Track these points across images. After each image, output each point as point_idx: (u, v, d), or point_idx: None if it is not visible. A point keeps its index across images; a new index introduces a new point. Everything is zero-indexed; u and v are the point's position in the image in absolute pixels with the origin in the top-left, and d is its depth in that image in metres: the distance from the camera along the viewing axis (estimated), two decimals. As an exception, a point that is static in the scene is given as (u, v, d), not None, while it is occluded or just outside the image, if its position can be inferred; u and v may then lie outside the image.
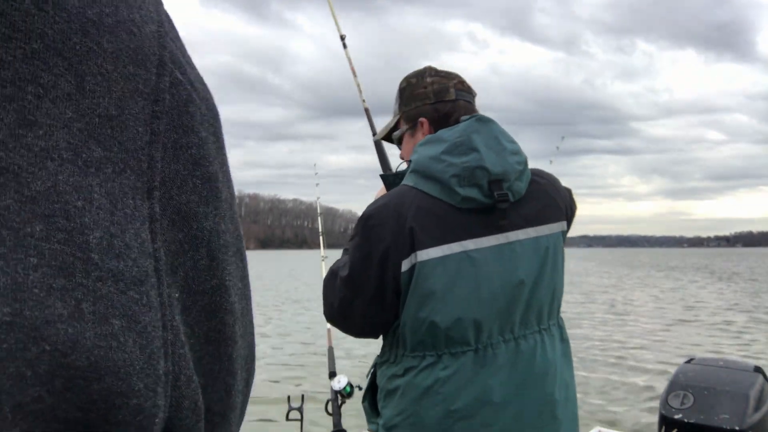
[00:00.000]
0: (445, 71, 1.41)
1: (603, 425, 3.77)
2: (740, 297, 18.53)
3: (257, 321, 12.43)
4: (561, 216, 1.35)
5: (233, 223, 0.29)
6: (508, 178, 1.24)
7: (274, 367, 7.67)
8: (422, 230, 1.21)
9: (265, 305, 16.69)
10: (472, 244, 1.23)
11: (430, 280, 1.20)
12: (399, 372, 1.28)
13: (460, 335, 1.22)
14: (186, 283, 0.25)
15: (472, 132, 1.25)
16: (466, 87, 1.40)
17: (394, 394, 1.28)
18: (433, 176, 1.24)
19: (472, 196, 1.22)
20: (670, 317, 12.72)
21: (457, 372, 1.22)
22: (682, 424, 2.15)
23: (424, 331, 1.22)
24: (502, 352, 1.23)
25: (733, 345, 9.27)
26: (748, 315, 13.43)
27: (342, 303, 1.30)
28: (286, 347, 9.10)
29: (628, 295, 18.84)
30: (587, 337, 9.81)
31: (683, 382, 2.28)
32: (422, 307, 1.21)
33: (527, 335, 1.26)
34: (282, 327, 11.46)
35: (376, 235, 1.24)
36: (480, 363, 1.22)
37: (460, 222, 1.23)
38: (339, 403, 1.82)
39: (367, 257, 1.24)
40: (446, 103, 1.36)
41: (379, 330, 1.33)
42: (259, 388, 6.56)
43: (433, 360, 1.23)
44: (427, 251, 1.21)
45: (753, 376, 2.27)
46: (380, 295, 1.25)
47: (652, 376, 6.90)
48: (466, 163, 1.22)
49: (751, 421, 2.11)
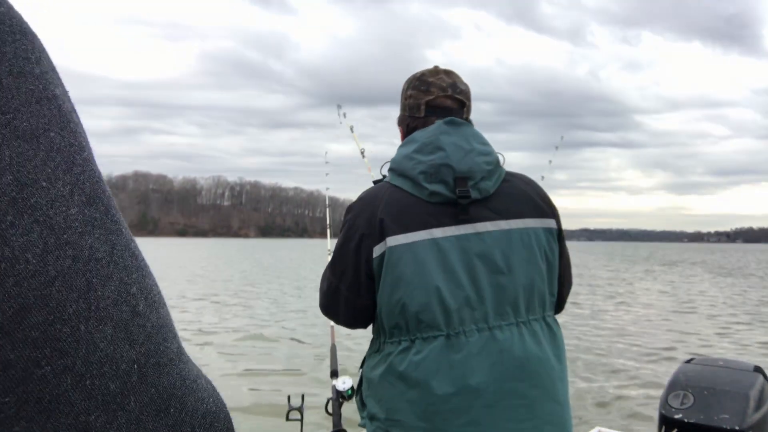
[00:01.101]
0: (434, 80, 1.45)
1: (603, 425, 3.78)
2: (739, 295, 18.54)
3: (256, 317, 12.46)
4: (541, 214, 1.39)
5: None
6: (474, 176, 1.33)
7: (273, 367, 7.66)
8: (392, 220, 1.31)
9: (267, 299, 16.68)
10: (440, 232, 1.31)
11: (401, 264, 1.29)
12: (380, 360, 1.34)
13: (430, 318, 1.27)
14: None
15: (441, 133, 1.35)
16: (445, 103, 1.44)
17: (374, 382, 1.34)
18: (404, 173, 1.36)
19: (438, 191, 1.32)
20: (670, 317, 12.72)
21: (429, 356, 1.26)
22: (682, 424, 2.15)
23: (398, 313, 1.29)
24: (475, 340, 1.27)
25: (733, 345, 9.28)
26: (748, 315, 13.45)
27: (329, 289, 1.43)
28: (286, 347, 9.09)
29: (629, 292, 18.84)
30: (587, 336, 9.83)
31: (683, 382, 2.28)
32: (394, 291, 1.29)
33: (503, 326, 1.29)
34: (282, 325, 11.43)
35: (353, 225, 1.37)
36: (453, 349, 1.26)
37: (428, 212, 1.32)
38: (340, 403, 1.81)
39: (346, 245, 1.37)
40: (415, 120, 1.46)
41: (361, 317, 1.41)
42: (258, 388, 6.57)
43: (407, 345, 1.29)
44: (396, 237, 1.30)
45: (753, 376, 2.27)
46: (357, 280, 1.35)
47: (652, 376, 6.90)
48: (432, 161, 1.33)
49: (751, 421, 2.11)
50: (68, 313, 0.27)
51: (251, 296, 16.29)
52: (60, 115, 0.30)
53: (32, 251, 0.26)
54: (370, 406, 1.36)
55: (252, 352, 8.54)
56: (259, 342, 9.40)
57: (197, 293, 16.67)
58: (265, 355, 8.40)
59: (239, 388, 6.49)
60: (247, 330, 10.59)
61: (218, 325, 11.23)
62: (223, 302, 14.73)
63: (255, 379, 6.92)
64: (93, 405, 0.29)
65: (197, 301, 14.84)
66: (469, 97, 1.49)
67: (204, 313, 12.75)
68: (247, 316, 12.38)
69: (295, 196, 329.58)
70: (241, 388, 6.47)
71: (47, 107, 0.30)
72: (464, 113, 1.47)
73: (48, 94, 0.30)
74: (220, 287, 18.85)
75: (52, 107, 0.30)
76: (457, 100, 1.45)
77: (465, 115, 1.47)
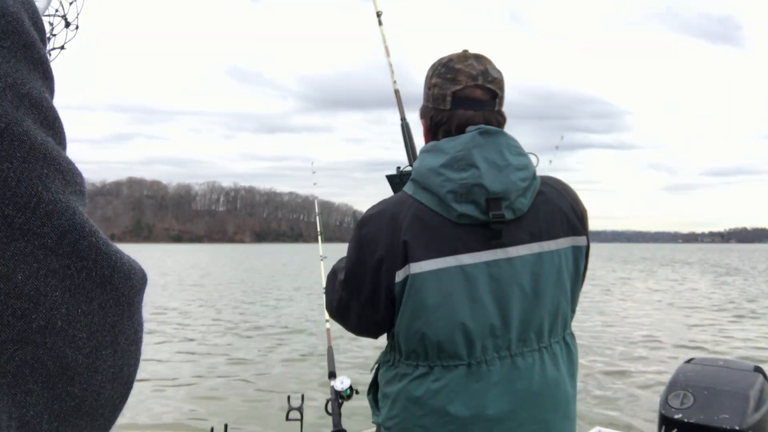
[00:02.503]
0: (463, 66, 1.28)
1: (603, 425, 3.78)
2: (739, 293, 18.62)
3: (256, 316, 12.43)
4: (573, 231, 1.30)
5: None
6: (509, 196, 1.20)
7: (272, 367, 7.64)
8: (416, 243, 1.19)
9: (264, 302, 16.66)
10: (469, 258, 1.20)
11: (423, 293, 1.18)
12: (395, 377, 1.28)
13: (452, 349, 1.19)
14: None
15: (474, 146, 1.20)
16: (475, 94, 1.27)
17: (389, 398, 1.29)
18: (430, 189, 1.21)
19: (468, 212, 1.19)
20: (669, 317, 12.75)
21: (448, 385, 1.20)
22: (682, 424, 2.14)
23: (416, 342, 1.21)
24: (496, 368, 1.20)
25: (734, 345, 9.30)
26: (748, 314, 13.49)
27: (340, 303, 1.33)
28: (286, 347, 9.07)
29: (627, 292, 18.89)
30: (586, 336, 9.83)
31: (683, 382, 2.27)
32: (415, 319, 1.20)
33: (525, 353, 1.22)
34: (281, 326, 11.42)
35: (370, 243, 1.23)
36: (473, 378, 1.20)
37: (456, 235, 1.20)
38: (339, 403, 1.82)
39: (361, 264, 1.24)
40: (440, 112, 1.29)
41: (374, 330, 1.33)
42: (258, 388, 6.55)
43: (425, 371, 1.22)
44: (420, 264, 1.18)
45: (753, 376, 2.27)
46: (374, 300, 1.25)
47: (652, 376, 6.91)
48: (463, 180, 1.18)
49: (751, 421, 2.11)
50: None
51: (250, 298, 16.27)
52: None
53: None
54: (383, 417, 1.31)
55: (252, 352, 8.52)
56: (259, 342, 9.38)
57: (195, 296, 16.62)
58: (265, 355, 8.39)
59: (239, 389, 6.47)
60: (247, 330, 10.58)
61: (218, 324, 11.22)
62: (222, 304, 14.70)
63: (255, 379, 6.90)
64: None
65: (195, 303, 14.81)
66: (503, 86, 1.31)
67: (204, 313, 12.73)
68: (246, 315, 12.36)
69: (290, 200, 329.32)
70: (241, 389, 6.45)
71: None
72: (496, 105, 1.29)
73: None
74: (217, 290, 18.79)
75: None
76: (488, 90, 1.27)
77: (497, 107, 1.30)
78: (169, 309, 13.92)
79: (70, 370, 0.34)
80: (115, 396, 0.38)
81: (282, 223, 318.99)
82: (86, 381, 0.35)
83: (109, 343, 0.36)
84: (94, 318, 0.35)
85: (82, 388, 0.35)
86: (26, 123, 0.33)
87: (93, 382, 0.36)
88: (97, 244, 0.35)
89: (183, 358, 8.21)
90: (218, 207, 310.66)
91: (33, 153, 0.33)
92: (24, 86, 0.34)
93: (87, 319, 0.35)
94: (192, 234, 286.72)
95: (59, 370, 0.34)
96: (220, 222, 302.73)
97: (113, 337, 0.37)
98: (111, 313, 0.36)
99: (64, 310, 0.33)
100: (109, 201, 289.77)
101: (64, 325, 0.33)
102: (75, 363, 0.34)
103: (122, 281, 0.37)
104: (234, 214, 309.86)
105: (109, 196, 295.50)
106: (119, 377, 0.38)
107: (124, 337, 0.38)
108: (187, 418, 5.53)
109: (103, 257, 0.36)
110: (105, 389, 0.37)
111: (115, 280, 0.36)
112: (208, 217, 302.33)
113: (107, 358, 0.36)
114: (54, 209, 0.33)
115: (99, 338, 0.36)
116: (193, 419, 5.50)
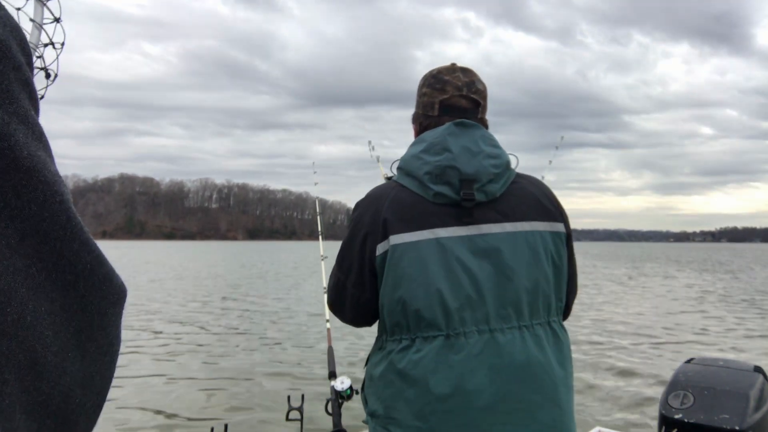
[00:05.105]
0: (450, 78, 1.43)
1: (603, 425, 3.77)
2: (739, 293, 18.74)
3: (254, 317, 12.41)
4: (549, 217, 1.37)
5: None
6: (480, 179, 1.32)
7: (272, 367, 7.61)
8: (396, 219, 1.31)
9: (261, 302, 16.62)
10: (444, 232, 1.30)
11: (403, 262, 1.29)
12: (382, 358, 1.34)
13: (431, 317, 1.26)
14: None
15: (449, 134, 1.34)
16: (460, 103, 1.42)
17: (375, 379, 1.34)
18: (411, 173, 1.36)
19: (443, 192, 1.32)
20: (669, 316, 12.78)
21: (428, 355, 1.26)
22: (682, 424, 2.13)
23: (399, 311, 1.29)
24: (475, 341, 1.25)
25: (733, 344, 9.33)
26: (748, 313, 13.57)
27: (336, 285, 1.43)
28: (286, 347, 9.04)
29: (626, 292, 18.97)
30: (585, 335, 9.86)
31: (683, 382, 2.27)
32: (396, 288, 1.29)
33: (505, 329, 1.27)
34: (281, 326, 11.38)
35: (357, 224, 1.37)
36: (452, 350, 1.25)
37: (433, 212, 1.32)
38: (339, 403, 1.82)
39: (351, 242, 1.37)
40: (428, 118, 1.44)
41: (365, 313, 1.41)
42: (258, 388, 6.52)
43: (408, 343, 1.29)
44: (400, 236, 1.30)
45: (753, 376, 2.26)
46: (362, 277, 1.36)
47: (652, 376, 6.92)
48: (438, 162, 1.32)
49: (751, 421, 2.10)
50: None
51: (250, 297, 16.22)
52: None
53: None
54: (371, 403, 1.36)
55: (251, 353, 8.49)
56: (259, 342, 9.34)
57: (193, 296, 16.59)
58: (265, 355, 8.36)
59: (239, 389, 6.45)
60: (247, 330, 10.54)
61: (217, 325, 11.17)
62: (220, 304, 14.66)
63: (254, 380, 6.87)
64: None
65: (193, 303, 14.77)
66: (485, 97, 1.47)
67: (202, 314, 12.67)
68: (245, 316, 12.32)
69: (284, 198, 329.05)
70: (241, 389, 6.42)
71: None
72: (479, 113, 1.45)
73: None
74: (214, 290, 18.74)
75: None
76: (471, 100, 1.43)
77: (480, 115, 1.45)
78: (168, 308, 13.87)
79: (38, 365, 0.36)
80: (87, 403, 0.40)
81: (275, 221, 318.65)
82: (54, 380, 0.37)
83: (75, 347, 0.38)
84: (57, 318, 0.37)
85: (50, 386, 0.37)
86: (17, 135, 0.36)
87: (61, 382, 0.37)
88: (61, 250, 0.37)
89: (182, 358, 8.18)
90: (211, 204, 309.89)
91: (15, 163, 0.35)
92: (13, 104, 0.37)
93: (51, 318, 0.36)
94: (184, 231, 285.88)
95: (29, 364, 0.35)
96: (212, 219, 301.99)
97: (79, 342, 0.38)
98: (76, 318, 0.38)
99: (31, 306, 0.35)
100: (101, 197, 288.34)
101: (32, 321, 0.35)
102: (44, 359, 0.36)
103: (89, 290, 0.39)
104: (227, 211, 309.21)
105: (100, 192, 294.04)
106: (90, 385, 0.40)
107: (95, 345, 0.40)
108: (187, 418, 5.49)
109: (65, 263, 0.37)
110: (74, 393, 0.38)
111: (80, 287, 0.38)
112: (200, 214, 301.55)
113: (75, 361, 0.38)
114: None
115: (64, 339, 0.37)
116: (193, 419, 5.47)
